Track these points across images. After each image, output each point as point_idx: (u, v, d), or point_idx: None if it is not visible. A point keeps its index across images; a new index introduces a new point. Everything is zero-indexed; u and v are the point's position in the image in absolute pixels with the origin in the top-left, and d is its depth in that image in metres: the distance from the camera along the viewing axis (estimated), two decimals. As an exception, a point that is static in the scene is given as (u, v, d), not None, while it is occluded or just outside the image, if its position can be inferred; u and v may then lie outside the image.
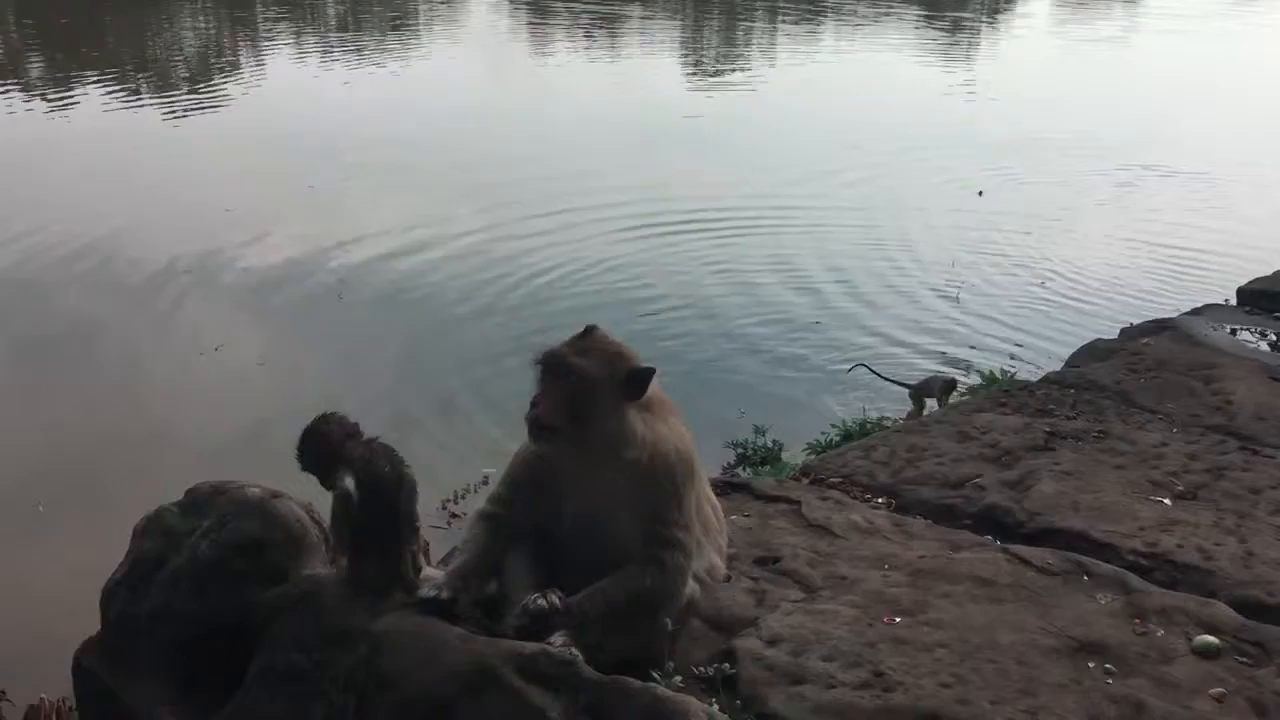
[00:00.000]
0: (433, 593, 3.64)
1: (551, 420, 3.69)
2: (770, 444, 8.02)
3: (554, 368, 3.73)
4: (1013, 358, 10.21)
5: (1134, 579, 4.42)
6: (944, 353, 11.00)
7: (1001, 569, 4.48)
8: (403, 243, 13.69)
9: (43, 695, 5.30)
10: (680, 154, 17.96)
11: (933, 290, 12.49)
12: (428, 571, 4.48)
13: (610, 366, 3.71)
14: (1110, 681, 3.80)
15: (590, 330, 3.85)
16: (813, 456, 7.47)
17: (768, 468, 7.35)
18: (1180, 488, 5.31)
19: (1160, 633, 4.09)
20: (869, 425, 7.94)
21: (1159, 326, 7.57)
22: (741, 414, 8.89)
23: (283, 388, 10.17)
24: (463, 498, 8.26)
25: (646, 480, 3.74)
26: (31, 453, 8.96)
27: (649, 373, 3.74)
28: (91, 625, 4.22)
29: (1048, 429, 5.93)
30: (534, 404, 3.71)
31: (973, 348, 11.03)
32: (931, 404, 9.27)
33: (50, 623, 6.35)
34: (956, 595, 4.28)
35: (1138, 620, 4.16)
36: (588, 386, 3.68)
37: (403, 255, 13.34)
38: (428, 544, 4.06)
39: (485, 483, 8.21)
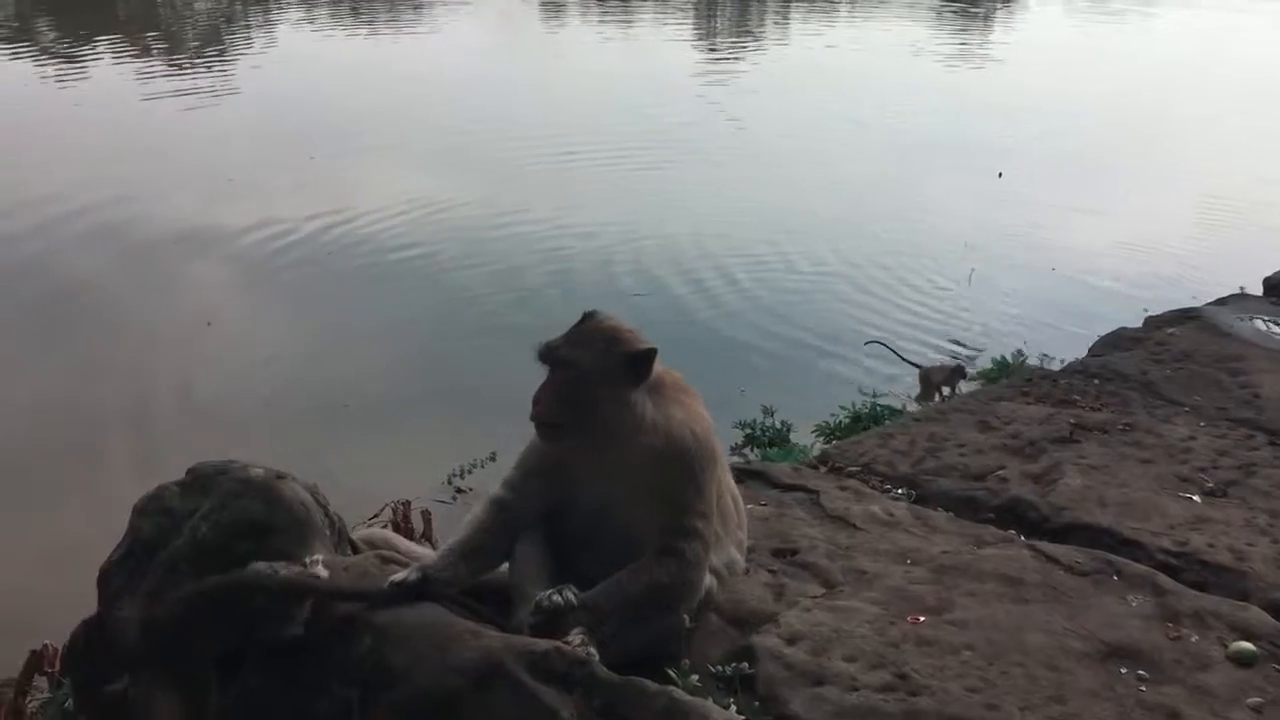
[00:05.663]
0: (400, 576, 3.49)
1: (554, 417, 3.54)
2: (779, 424, 7.90)
3: (551, 361, 3.57)
4: (1025, 343, 10.04)
5: (1165, 580, 4.27)
6: (951, 333, 10.86)
7: (1028, 567, 4.32)
8: (406, 214, 13.57)
9: (46, 641, 5.20)
10: (685, 130, 17.75)
11: (943, 271, 12.32)
12: (416, 551, 4.36)
13: (607, 353, 3.54)
14: (1144, 689, 3.65)
15: (588, 316, 3.66)
16: (825, 441, 7.38)
17: (775, 449, 7.23)
18: (1210, 484, 5.15)
19: (1194, 638, 3.93)
20: (879, 408, 7.80)
21: (1184, 316, 7.39)
22: (742, 392, 8.75)
23: (282, 361, 10.06)
24: (469, 472, 8.18)
25: (662, 467, 3.58)
26: (28, 418, 8.88)
27: (649, 354, 3.56)
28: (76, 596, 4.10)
29: (1072, 420, 5.77)
30: (536, 400, 3.56)
31: (981, 330, 10.89)
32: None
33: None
34: (982, 594, 4.13)
35: (1170, 624, 4.01)
36: (586, 376, 3.52)
37: (405, 227, 13.22)
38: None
39: (492, 458, 8.10)
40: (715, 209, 14.01)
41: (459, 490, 8.08)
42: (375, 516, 6.61)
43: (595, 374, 3.52)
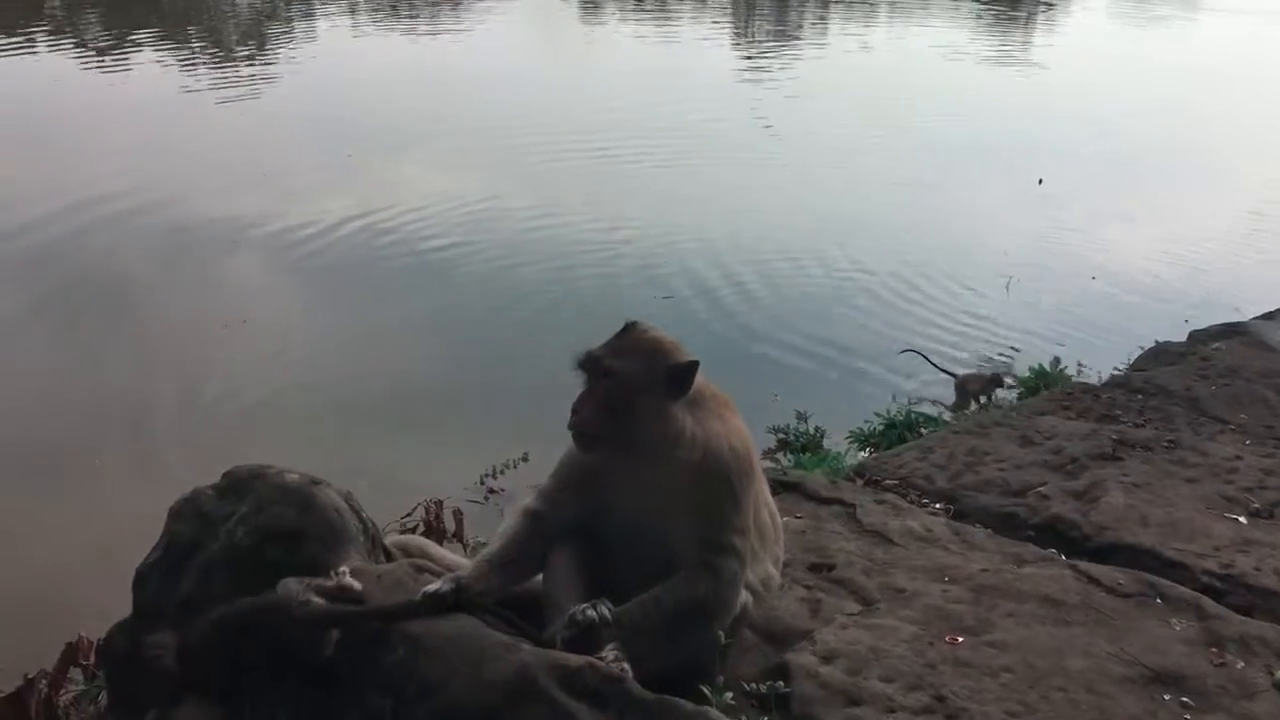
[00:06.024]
0: (433, 587, 3.45)
1: (592, 426, 3.50)
2: (813, 430, 7.85)
3: (591, 370, 3.54)
4: (1061, 347, 9.95)
5: (1210, 604, 4.19)
6: (988, 342, 10.73)
7: (1069, 587, 4.25)
8: (441, 211, 13.54)
9: (81, 633, 5.22)
10: (720, 131, 17.67)
11: (981, 278, 12.18)
12: (450, 558, 4.34)
13: (649, 364, 3.51)
14: (1188, 717, 3.59)
15: (630, 327, 3.63)
16: (859, 447, 7.32)
17: (809, 455, 7.18)
18: (1256, 505, 5.06)
19: (1240, 664, 3.86)
20: (914, 416, 7.73)
21: (1230, 331, 7.28)
22: (775, 398, 8.69)
23: (315, 357, 10.08)
24: (501, 473, 8.15)
25: (699, 481, 3.54)
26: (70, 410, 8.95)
27: (691, 367, 3.53)
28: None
29: (1115, 436, 5.68)
30: (574, 409, 3.53)
31: (1017, 339, 10.76)
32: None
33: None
34: (1022, 615, 4.07)
35: (1214, 649, 3.93)
36: (626, 388, 3.48)
37: (440, 224, 13.19)
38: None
39: (525, 459, 8.09)
40: (749, 211, 13.92)
41: (491, 491, 8.06)
42: (408, 516, 6.60)
43: (636, 385, 3.49)
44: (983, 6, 32.34)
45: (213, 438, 8.50)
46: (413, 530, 6.16)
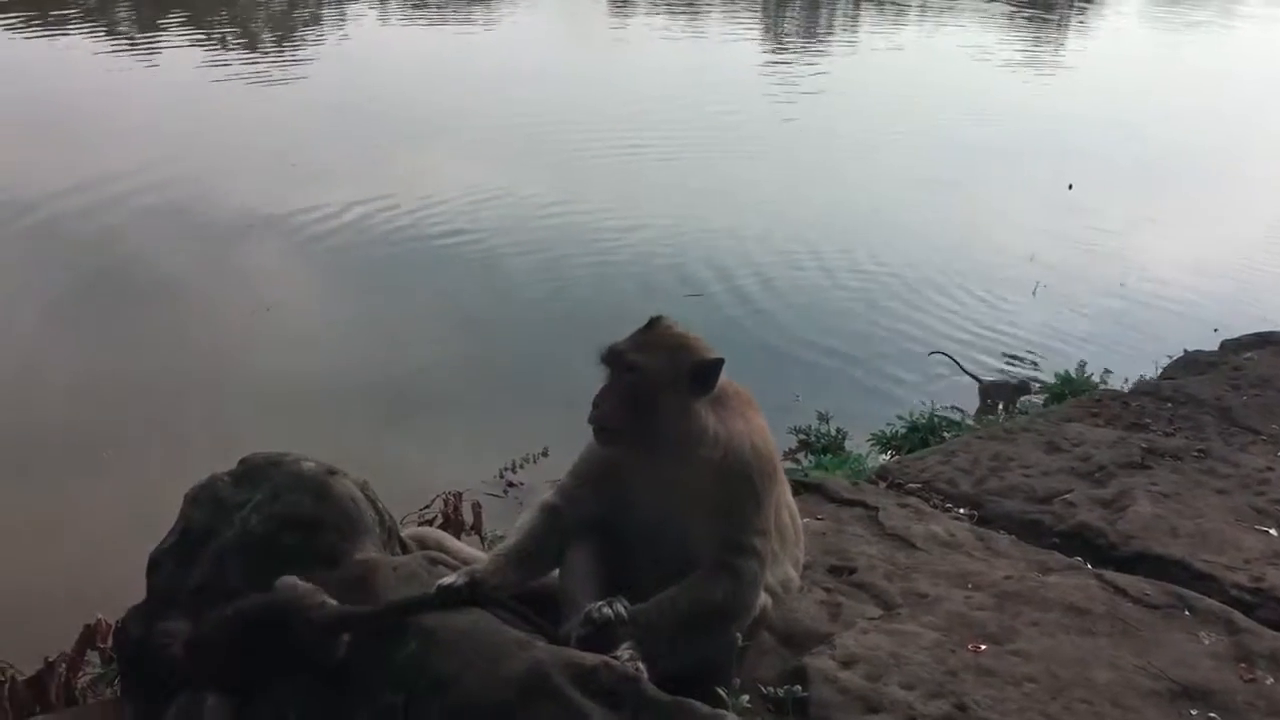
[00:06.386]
0: (448, 580, 3.40)
1: (613, 421, 3.46)
2: (834, 432, 7.79)
3: (615, 364, 3.49)
4: (1087, 353, 9.85)
5: (1240, 617, 4.10)
6: (1013, 347, 10.65)
7: (1095, 597, 4.17)
8: (466, 203, 13.53)
9: (99, 615, 5.22)
10: (745, 129, 17.58)
11: (1008, 282, 12.08)
12: (465, 552, 4.29)
13: (673, 361, 3.46)
14: (1216, 734, 3.50)
15: (655, 321, 3.59)
16: (881, 449, 7.24)
17: (830, 456, 7.11)
18: (1288, 518, 4.96)
19: (1269, 680, 3.76)
20: (937, 419, 7.65)
21: (1262, 340, 7.17)
22: (797, 398, 8.64)
23: (338, 347, 10.08)
24: (521, 467, 8.16)
25: (721, 481, 3.48)
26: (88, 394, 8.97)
27: (716, 365, 3.47)
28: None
29: (1144, 445, 5.59)
30: (596, 404, 3.48)
31: (1043, 344, 10.68)
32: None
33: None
34: (1046, 624, 3.99)
35: (1244, 665, 3.84)
36: (650, 383, 3.44)
37: (465, 216, 13.19)
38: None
39: (545, 453, 8.08)
40: (775, 210, 13.86)
41: (510, 484, 8.06)
42: (426, 508, 6.57)
43: (660, 381, 3.44)
44: (1014, 8, 32.10)
45: (233, 424, 8.51)
46: (430, 522, 6.13)
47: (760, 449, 3.56)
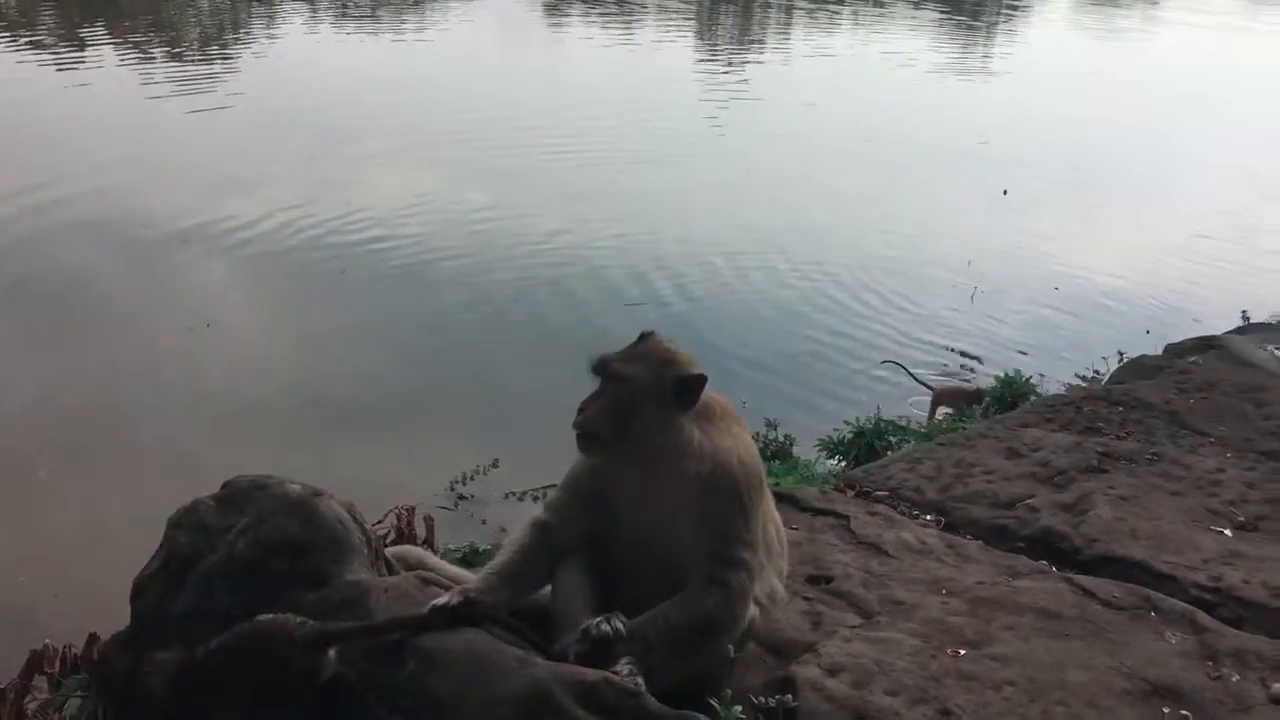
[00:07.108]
0: (442, 600, 3.42)
1: (596, 428, 3.52)
2: (782, 438, 7.88)
3: (602, 374, 3.56)
4: (1025, 356, 10.10)
5: (1204, 617, 4.25)
6: (953, 351, 10.84)
7: (1065, 600, 4.29)
8: (409, 219, 13.46)
9: (46, 641, 5.16)
10: (680, 138, 17.69)
11: (946, 289, 12.30)
12: (450, 569, 4.30)
13: (658, 373, 3.53)
14: (1189, 731, 3.63)
15: (645, 336, 3.68)
16: (830, 457, 7.33)
17: (778, 463, 7.19)
18: (1240, 518, 5.14)
19: (1235, 677, 3.91)
20: (883, 424, 7.76)
21: (1204, 344, 7.39)
22: (744, 404, 8.70)
23: (281, 363, 9.99)
24: (471, 479, 8.12)
25: (708, 495, 3.55)
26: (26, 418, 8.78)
27: (700, 380, 3.54)
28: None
29: (1100, 449, 5.75)
30: (581, 409, 3.54)
31: (982, 348, 10.89)
32: (942, 410, 9.10)
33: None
34: (1021, 628, 4.10)
35: (1210, 663, 3.98)
36: (633, 394, 3.51)
37: (408, 232, 13.11)
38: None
39: (495, 465, 8.08)
40: (714, 220, 13.98)
41: (461, 497, 8.04)
42: (379, 523, 6.54)
43: (643, 392, 3.51)
44: (943, 15, 32.64)
45: (177, 444, 8.39)
46: (384, 536, 6.11)
47: (747, 463, 3.63)
